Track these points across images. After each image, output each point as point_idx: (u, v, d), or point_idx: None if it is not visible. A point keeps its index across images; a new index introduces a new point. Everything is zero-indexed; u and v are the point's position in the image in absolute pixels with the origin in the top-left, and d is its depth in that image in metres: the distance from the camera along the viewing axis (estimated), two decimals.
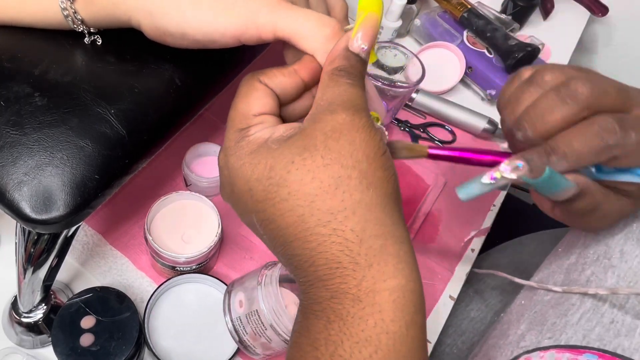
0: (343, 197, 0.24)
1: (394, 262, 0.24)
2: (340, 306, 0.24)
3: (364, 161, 0.25)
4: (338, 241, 0.24)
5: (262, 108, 0.29)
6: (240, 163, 0.27)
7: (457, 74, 0.72)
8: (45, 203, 0.30)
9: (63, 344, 0.40)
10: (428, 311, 0.52)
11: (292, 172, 0.25)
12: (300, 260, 0.26)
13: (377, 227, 0.24)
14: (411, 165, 0.63)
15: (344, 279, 0.24)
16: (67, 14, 0.32)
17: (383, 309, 0.24)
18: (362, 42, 0.28)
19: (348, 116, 0.25)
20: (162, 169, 0.57)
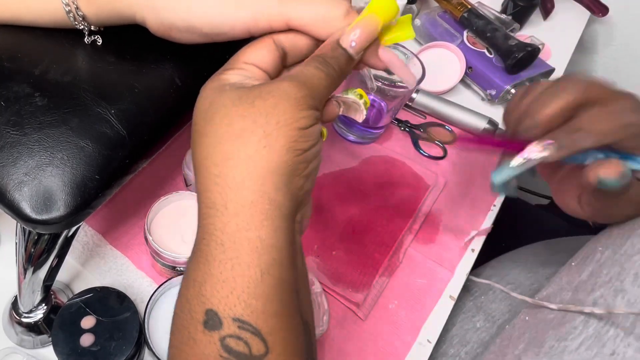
0: (238, 148, 0.26)
1: (260, 218, 0.26)
2: (207, 248, 0.26)
3: (272, 124, 0.26)
4: (220, 183, 0.26)
5: (254, 59, 0.30)
6: (201, 94, 0.29)
7: (457, 74, 0.72)
8: (46, 203, 0.30)
9: (63, 344, 0.40)
10: (428, 311, 0.52)
11: (219, 112, 0.27)
12: (198, 195, 0.28)
13: (256, 185, 0.26)
14: (411, 166, 0.63)
15: (213, 220, 0.26)
16: (69, 9, 0.32)
17: (240, 255, 0.26)
18: (353, 40, 0.29)
19: (288, 85, 0.27)
20: (162, 169, 0.57)
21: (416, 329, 0.51)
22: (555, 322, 0.39)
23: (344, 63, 0.30)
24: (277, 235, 0.27)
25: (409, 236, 0.57)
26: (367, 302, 0.51)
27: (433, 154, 0.66)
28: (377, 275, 0.53)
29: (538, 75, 0.73)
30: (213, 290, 0.26)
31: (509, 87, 0.70)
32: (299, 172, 0.27)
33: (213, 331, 0.25)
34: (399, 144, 0.66)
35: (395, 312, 0.52)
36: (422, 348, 0.50)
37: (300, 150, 0.27)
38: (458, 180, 0.64)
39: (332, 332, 0.50)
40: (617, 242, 0.39)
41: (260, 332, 0.26)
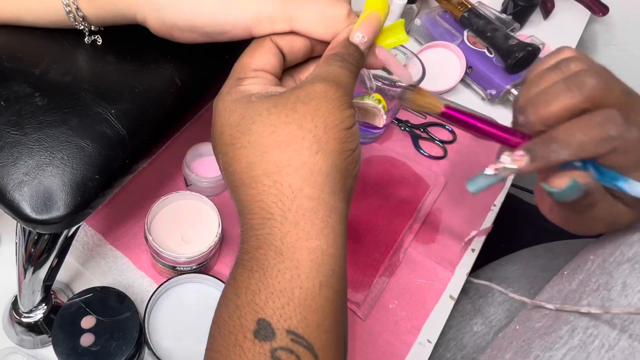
0: (291, 155, 0.26)
1: (321, 226, 0.26)
2: (264, 257, 0.26)
3: (321, 128, 0.26)
4: (275, 193, 0.26)
5: (263, 64, 0.30)
6: (223, 107, 0.28)
7: (458, 73, 0.72)
8: (46, 203, 0.30)
9: (63, 344, 0.40)
10: (428, 311, 0.52)
11: (256, 122, 0.27)
12: (243, 206, 0.27)
13: (314, 191, 0.26)
14: (411, 166, 0.63)
15: (271, 230, 0.26)
16: (69, 10, 0.32)
17: (300, 265, 0.25)
18: (363, 35, 0.30)
19: (324, 86, 0.27)
20: (162, 169, 0.57)
21: (416, 329, 0.51)
22: (542, 331, 0.38)
23: (358, 59, 0.30)
24: (337, 244, 0.26)
25: (409, 236, 0.57)
26: (367, 302, 0.51)
27: (433, 154, 0.66)
28: (377, 275, 0.53)
29: None
30: (268, 300, 0.25)
31: (509, 86, 0.69)
32: (349, 172, 0.27)
33: (264, 341, 0.25)
34: (399, 143, 0.66)
35: (395, 312, 0.52)
36: (422, 348, 0.50)
37: (350, 150, 0.27)
38: (458, 180, 0.64)
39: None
40: (608, 251, 0.39)
41: (312, 347, 0.25)
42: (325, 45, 0.31)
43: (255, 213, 0.26)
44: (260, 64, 0.30)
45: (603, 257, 0.39)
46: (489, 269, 0.63)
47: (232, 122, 0.27)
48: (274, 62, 0.30)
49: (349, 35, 0.30)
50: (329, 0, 0.30)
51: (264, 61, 0.30)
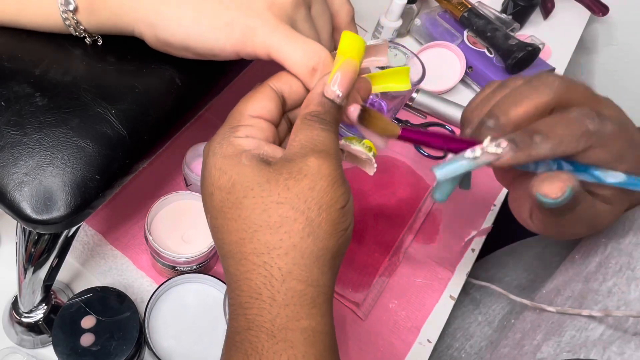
0: (282, 237, 0.25)
1: (309, 307, 0.26)
2: (256, 339, 0.26)
3: (314, 210, 0.25)
4: (264, 274, 0.26)
5: (259, 111, 0.29)
6: (213, 163, 0.28)
7: (458, 73, 0.72)
8: (46, 203, 0.30)
9: (63, 344, 0.40)
10: (428, 311, 0.52)
11: (248, 197, 0.26)
12: (231, 279, 0.27)
13: (303, 274, 0.26)
14: (412, 165, 0.63)
15: (260, 312, 0.26)
16: (69, 23, 0.32)
17: (295, 345, 0.25)
18: (338, 89, 0.28)
19: (317, 160, 0.26)
20: (162, 169, 0.57)
21: (416, 329, 0.51)
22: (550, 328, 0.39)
23: (336, 114, 0.29)
24: (325, 321, 0.27)
25: (409, 236, 0.57)
26: (367, 302, 0.51)
27: (433, 154, 0.66)
28: (377, 275, 0.53)
29: None
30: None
31: None
32: (340, 252, 0.27)
33: None
34: (399, 143, 0.66)
35: (395, 312, 0.52)
36: (422, 348, 0.50)
37: (343, 230, 0.27)
38: None
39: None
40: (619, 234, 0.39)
41: None
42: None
43: (243, 291, 0.26)
44: (256, 110, 0.29)
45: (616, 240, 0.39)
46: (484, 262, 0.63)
47: (222, 186, 0.27)
48: (270, 107, 0.30)
49: (324, 91, 0.29)
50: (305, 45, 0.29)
51: (260, 107, 0.29)
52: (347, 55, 0.29)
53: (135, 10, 0.31)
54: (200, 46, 0.31)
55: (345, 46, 0.29)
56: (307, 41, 0.30)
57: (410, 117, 0.69)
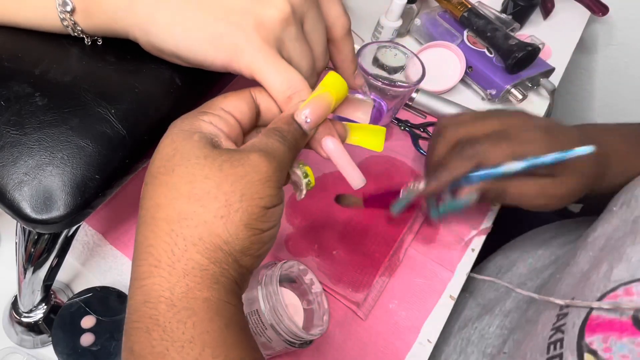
0: (196, 210, 0.25)
1: (211, 282, 0.25)
2: (156, 311, 0.24)
3: (237, 195, 0.25)
4: (168, 241, 0.25)
5: (232, 108, 0.30)
6: (167, 134, 0.28)
7: (458, 73, 0.72)
8: (46, 203, 0.30)
9: (63, 344, 0.40)
10: (428, 311, 0.52)
11: (181, 167, 0.26)
12: (136, 249, 0.26)
13: (208, 251, 0.25)
14: (411, 165, 0.63)
15: (157, 280, 0.25)
16: (66, 24, 0.33)
17: (197, 312, 0.24)
18: (308, 117, 0.30)
19: (258, 157, 0.27)
20: None
21: (416, 329, 0.51)
22: (629, 235, 0.41)
23: (299, 138, 0.30)
24: (230, 297, 0.26)
25: (409, 236, 0.57)
26: (367, 302, 0.51)
27: None
28: (377, 275, 0.53)
29: (538, 75, 0.73)
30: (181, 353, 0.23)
31: (509, 86, 0.69)
32: (251, 252, 0.27)
33: None
34: (399, 143, 0.66)
35: (395, 312, 0.52)
36: (422, 348, 0.50)
37: (259, 230, 0.26)
38: None
39: (332, 331, 0.50)
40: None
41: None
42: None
43: (143, 259, 0.25)
44: (229, 106, 0.30)
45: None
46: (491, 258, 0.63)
47: (165, 153, 0.27)
48: (244, 109, 0.30)
49: (295, 113, 0.30)
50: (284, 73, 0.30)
51: (233, 105, 0.30)
52: (324, 90, 0.30)
53: (130, 16, 0.31)
54: (191, 57, 0.31)
55: (328, 83, 0.30)
56: (288, 69, 0.30)
57: (410, 117, 0.69)
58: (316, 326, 0.43)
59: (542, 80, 0.74)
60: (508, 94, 0.70)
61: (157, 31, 0.31)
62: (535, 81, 0.74)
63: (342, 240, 0.55)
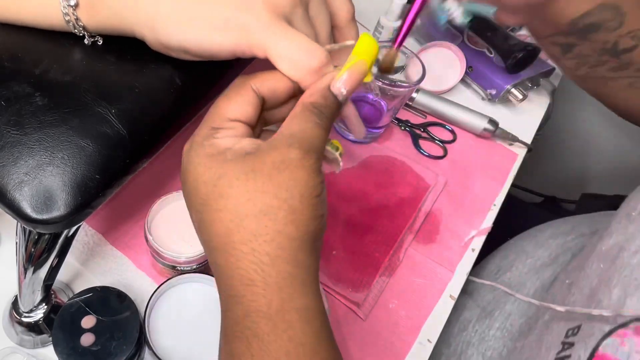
0: (267, 224, 0.26)
1: (301, 287, 0.27)
2: (256, 325, 0.26)
3: (297, 198, 0.27)
4: (254, 260, 0.26)
5: (240, 114, 0.30)
6: (197, 161, 0.29)
7: (458, 73, 0.72)
8: (46, 203, 0.30)
9: (63, 344, 0.40)
10: (428, 311, 0.52)
11: (234, 187, 0.27)
12: (221, 271, 0.28)
13: (290, 257, 0.27)
14: (411, 165, 0.63)
15: (254, 297, 0.26)
16: (68, 19, 0.32)
17: (293, 325, 0.26)
18: (343, 87, 0.30)
19: (300, 154, 0.27)
20: (162, 169, 0.57)
21: (416, 329, 0.51)
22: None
23: (335, 111, 0.30)
24: (317, 299, 0.28)
25: (409, 236, 0.57)
26: (367, 302, 0.51)
27: (433, 154, 0.66)
28: (377, 275, 0.53)
29: (538, 75, 0.73)
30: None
31: (509, 86, 0.69)
32: (319, 235, 0.29)
33: None
34: (399, 143, 0.66)
35: (395, 312, 0.52)
36: (422, 348, 0.50)
37: (321, 216, 0.28)
38: (458, 180, 0.64)
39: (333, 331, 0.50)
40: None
41: None
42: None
43: (235, 278, 0.27)
44: (236, 113, 0.30)
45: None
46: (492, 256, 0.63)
47: (207, 180, 0.28)
48: (250, 112, 0.31)
49: (331, 85, 0.30)
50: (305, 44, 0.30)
51: (240, 111, 0.30)
52: (360, 57, 0.30)
53: (135, 12, 0.31)
54: (197, 47, 0.31)
55: (362, 49, 0.30)
56: (306, 40, 0.30)
57: (410, 117, 0.69)
58: None
59: (542, 80, 0.74)
60: (508, 94, 0.70)
61: (163, 25, 0.31)
62: (536, 81, 0.74)
63: (342, 240, 0.55)
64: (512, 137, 0.68)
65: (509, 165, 0.67)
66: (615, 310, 0.35)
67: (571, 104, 1.02)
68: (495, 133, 0.67)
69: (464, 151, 0.67)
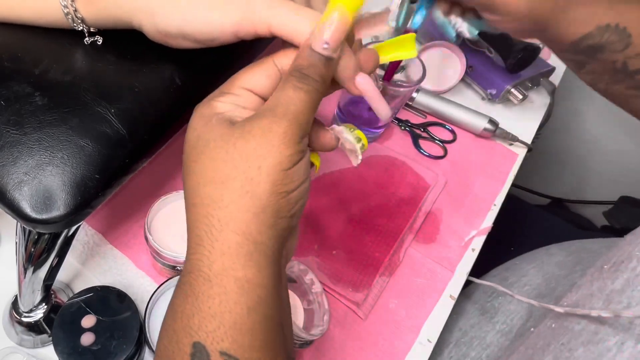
0: (223, 193, 0.27)
1: (245, 259, 0.27)
2: (195, 282, 0.27)
3: (254, 170, 0.26)
4: (206, 223, 0.27)
5: (253, 84, 0.30)
6: (191, 119, 0.29)
7: (458, 73, 0.72)
8: (46, 202, 0.30)
9: (64, 343, 0.40)
10: (428, 311, 0.52)
11: (205, 153, 0.27)
12: (187, 226, 0.29)
13: (241, 227, 0.27)
14: (411, 165, 0.63)
15: (201, 257, 0.27)
16: (67, 11, 0.32)
17: (228, 292, 0.27)
18: (325, 40, 0.27)
19: (269, 122, 0.26)
20: (162, 168, 0.57)
21: (416, 329, 0.51)
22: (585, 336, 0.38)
23: (323, 69, 0.28)
24: (262, 275, 0.27)
25: (409, 236, 0.57)
26: (367, 302, 0.51)
27: (433, 154, 0.66)
28: (377, 274, 0.53)
29: (538, 75, 0.73)
30: (201, 324, 0.26)
31: (509, 86, 0.69)
32: (283, 213, 0.27)
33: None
34: (399, 143, 0.66)
35: (395, 312, 0.52)
36: (422, 347, 0.50)
37: (284, 192, 0.27)
38: (458, 180, 0.64)
39: (333, 331, 0.50)
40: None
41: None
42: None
43: (191, 238, 0.28)
44: (249, 83, 0.30)
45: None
46: (503, 269, 0.62)
47: (190, 140, 0.28)
48: (265, 83, 0.30)
49: (311, 42, 0.27)
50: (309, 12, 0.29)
51: (253, 81, 0.30)
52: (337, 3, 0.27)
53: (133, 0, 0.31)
54: (197, 30, 0.30)
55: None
56: (310, 11, 0.29)
57: (411, 117, 0.69)
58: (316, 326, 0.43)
59: (543, 80, 0.74)
60: (508, 93, 0.70)
61: (161, 10, 0.31)
62: (536, 81, 0.74)
63: (342, 240, 0.55)
64: (512, 137, 0.68)
65: (509, 165, 0.67)
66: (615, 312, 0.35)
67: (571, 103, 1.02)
68: (495, 133, 0.67)
69: (464, 151, 0.67)
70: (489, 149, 0.68)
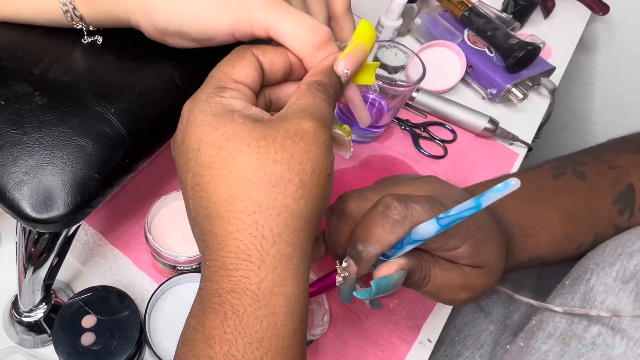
0: (276, 197, 0.25)
1: (294, 272, 0.25)
2: (239, 302, 0.25)
3: (308, 173, 0.25)
4: (254, 234, 0.25)
5: (244, 77, 0.29)
6: (202, 119, 0.27)
7: (458, 73, 0.72)
8: (46, 202, 0.30)
9: (64, 343, 0.40)
10: (429, 310, 0.52)
11: (243, 153, 0.25)
12: (214, 239, 0.26)
13: (292, 237, 0.25)
14: (412, 165, 0.63)
15: (247, 274, 0.25)
16: (66, 9, 0.32)
17: (276, 312, 0.25)
18: (346, 67, 0.29)
19: (314, 127, 0.26)
20: (162, 168, 0.57)
21: (416, 329, 0.51)
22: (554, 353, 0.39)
23: (339, 91, 0.30)
24: (305, 289, 0.26)
25: None
26: None
27: (434, 153, 0.66)
28: None
29: (538, 74, 0.73)
30: (247, 350, 0.24)
31: (509, 86, 0.69)
32: (322, 217, 0.27)
33: None
34: (399, 143, 0.66)
35: (395, 312, 0.52)
36: (422, 347, 0.50)
37: (327, 198, 0.27)
38: (458, 180, 0.64)
39: (333, 331, 0.50)
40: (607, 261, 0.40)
41: None
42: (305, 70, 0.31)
43: (230, 251, 0.25)
44: (241, 76, 0.29)
45: (602, 267, 0.40)
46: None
47: (213, 141, 0.26)
48: (254, 76, 0.30)
49: (334, 65, 0.29)
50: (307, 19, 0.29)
51: (245, 74, 0.29)
52: (361, 40, 0.30)
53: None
54: (194, 29, 0.30)
55: (362, 32, 0.31)
56: (307, 17, 0.29)
57: (411, 117, 0.69)
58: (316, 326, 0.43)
59: (543, 79, 0.74)
60: (508, 93, 0.70)
61: (159, 8, 0.30)
62: (536, 80, 0.74)
63: None
64: (512, 136, 0.68)
65: (510, 164, 0.67)
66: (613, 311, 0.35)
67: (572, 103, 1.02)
68: (495, 132, 0.67)
69: (464, 151, 0.67)
70: (489, 149, 0.68)
